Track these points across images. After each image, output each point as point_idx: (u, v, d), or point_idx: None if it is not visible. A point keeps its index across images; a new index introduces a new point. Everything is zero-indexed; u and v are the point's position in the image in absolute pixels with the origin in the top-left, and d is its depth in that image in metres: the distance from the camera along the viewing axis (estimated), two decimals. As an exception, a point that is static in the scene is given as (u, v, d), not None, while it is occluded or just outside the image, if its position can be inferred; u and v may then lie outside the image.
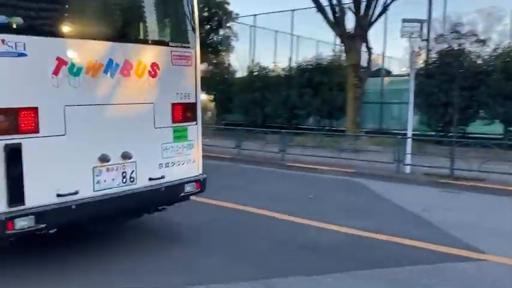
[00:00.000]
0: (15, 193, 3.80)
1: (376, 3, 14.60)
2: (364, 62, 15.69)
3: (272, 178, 10.03)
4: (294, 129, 16.72)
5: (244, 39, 23.33)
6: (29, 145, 3.85)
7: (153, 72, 4.78)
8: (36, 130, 3.90)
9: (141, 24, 5.03)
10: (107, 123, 4.43)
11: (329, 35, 20.52)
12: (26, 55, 3.80)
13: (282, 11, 21.55)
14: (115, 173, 4.46)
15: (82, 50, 4.20)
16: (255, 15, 21.96)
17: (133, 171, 4.62)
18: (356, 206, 7.44)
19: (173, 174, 5.01)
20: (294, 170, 10.77)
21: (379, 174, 9.93)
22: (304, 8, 19.85)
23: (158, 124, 4.87)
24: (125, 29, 4.89)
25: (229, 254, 4.97)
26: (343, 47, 15.95)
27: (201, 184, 5.32)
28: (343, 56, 16.66)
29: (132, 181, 4.61)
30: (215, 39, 26.53)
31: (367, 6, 14.68)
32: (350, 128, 14.79)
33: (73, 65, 4.11)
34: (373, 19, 14.84)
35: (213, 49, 26.07)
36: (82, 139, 4.21)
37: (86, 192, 4.22)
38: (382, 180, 9.55)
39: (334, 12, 14.99)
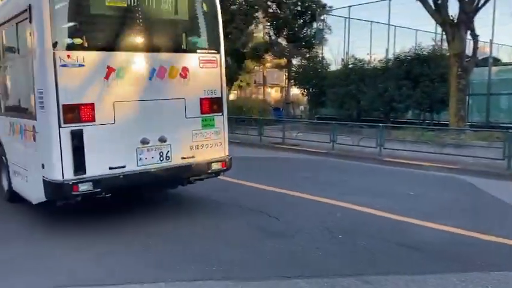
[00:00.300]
0: (79, 165, 5.24)
1: (484, -14, 13.56)
2: (469, 51, 14.68)
3: (369, 173, 9.81)
4: (391, 123, 16.14)
5: (338, 31, 22.95)
6: (87, 130, 5.29)
7: (183, 74, 6.09)
8: (93, 120, 5.33)
9: (173, 37, 6.29)
10: (147, 114, 5.75)
11: (428, 24, 19.48)
12: (84, 66, 5.25)
13: (377, 1, 20.83)
14: (153, 153, 5.81)
15: (125, 59, 5.60)
16: (349, 6, 21.46)
17: (168, 151, 5.93)
18: (461, 204, 7.03)
19: (202, 155, 6.25)
20: (393, 166, 10.42)
21: (486, 171, 9.26)
22: (402, -3, 19.04)
23: (189, 115, 6.15)
24: (160, 42, 6.03)
25: (326, 248, 4.98)
26: (444, 36, 15.04)
27: (226, 163, 6.48)
28: (445, 45, 15.71)
29: (168, 159, 5.92)
30: (308, 32, 26.49)
31: (474, -10, 13.66)
32: (453, 121, 13.94)
33: (119, 71, 5.51)
34: (480, 4, 13.79)
35: (306, 43, 26.04)
36: (127, 126, 5.59)
37: (131, 166, 5.62)
38: (490, 177, 8.88)
39: (435, -1, 14.19)
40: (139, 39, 5.84)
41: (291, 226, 5.77)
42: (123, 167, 5.54)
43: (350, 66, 19.34)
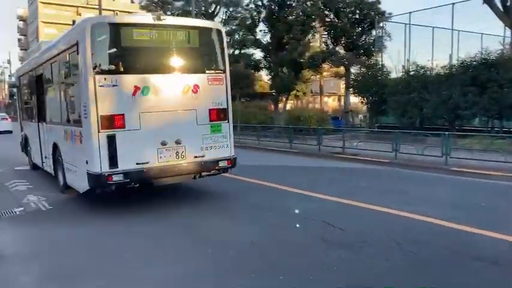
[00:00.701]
0: (113, 161, 6.74)
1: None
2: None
3: (436, 183, 9.44)
4: (456, 131, 15.48)
5: (398, 38, 22.38)
6: (119, 135, 6.81)
7: (194, 90, 7.52)
8: (123, 126, 6.85)
9: (186, 61, 7.64)
10: (165, 122, 7.22)
11: (496, 27, 18.61)
12: (117, 86, 6.82)
13: (440, 6, 20.13)
14: (171, 152, 7.24)
15: (148, 80, 7.10)
16: (410, 12, 20.90)
17: (183, 151, 7.35)
18: (540, 216, 6.59)
19: (211, 154, 7.66)
20: (460, 175, 9.97)
21: None
22: (466, 0, 18.30)
23: (200, 122, 7.57)
24: (175, 66, 7.49)
25: (396, 260, 4.83)
26: (515, 39, 14.29)
27: (231, 162, 7.88)
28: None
29: (183, 157, 7.34)
30: (367, 40, 26.05)
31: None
32: (525, 128, 13.16)
33: (143, 89, 7.03)
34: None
35: (365, 51, 25.62)
36: (150, 131, 7.05)
37: (153, 162, 7.07)
38: None
39: (503, 1, 13.53)
40: (158, 64, 7.43)
41: (357, 237, 5.66)
42: (147, 162, 7.01)
43: (412, 73, 18.79)
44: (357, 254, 5.07)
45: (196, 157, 7.45)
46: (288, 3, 27.07)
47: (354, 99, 27.11)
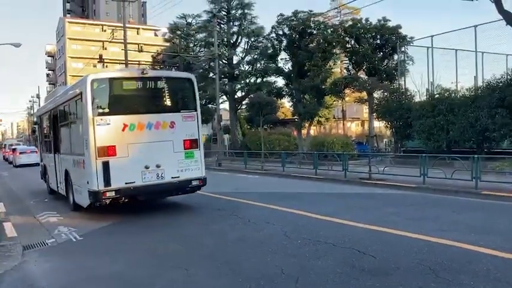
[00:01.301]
0: (107, 181, 8.77)
1: None
2: None
3: (467, 208, 9.21)
4: (485, 153, 15.17)
5: (420, 61, 22.30)
6: (112, 161, 8.85)
7: (171, 126, 9.60)
8: (115, 154, 8.89)
9: (164, 103, 9.81)
10: (148, 150, 9.22)
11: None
12: (110, 124, 8.94)
13: (462, 29, 20.05)
14: (153, 174, 9.26)
15: (134, 119, 9.21)
16: (431, 36, 20.86)
17: (162, 173, 9.37)
18: None
19: (185, 175, 9.65)
20: (492, 199, 9.72)
21: None
22: (489, 22, 18.16)
23: (176, 150, 9.59)
24: (156, 108, 9.69)
25: (431, 289, 4.69)
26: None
27: (202, 181, 9.94)
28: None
29: (162, 178, 9.36)
30: (389, 65, 26.04)
31: None
32: (558, 149, 12.80)
33: (131, 125, 9.12)
34: None
35: (387, 75, 25.58)
36: (135, 158, 9.06)
37: (138, 182, 9.10)
38: None
39: (528, 22, 13.42)
40: (142, 107, 9.63)
41: (388, 264, 5.53)
42: (134, 182, 9.05)
43: (436, 96, 18.63)
44: (390, 281, 4.95)
45: (173, 177, 9.49)
46: (309, 31, 27.46)
47: (378, 124, 26.96)
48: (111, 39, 30.46)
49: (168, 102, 9.79)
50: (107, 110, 9.01)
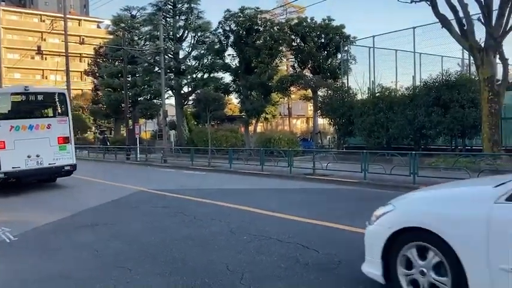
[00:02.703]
0: None
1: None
2: (499, 75, 14.51)
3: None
4: (422, 150, 15.94)
5: (363, 60, 23.09)
6: (2, 153, 12.40)
7: (48, 127, 13.27)
8: (5, 147, 12.43)
9: (43, 112, 13.61)
10: (30, 145, 12.77)
11: (454, 49, 19.43)
12: (1, 126, 12.50)
13: (402, 30, 20.95)
14: (34, 161, 12.92)
15: (19, 122, 12.78)
16: (373, 36, 21.63)
17: (41, 161, 13.06)
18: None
19: (59, 162, 13.43)
20: (428, 194, 10.21)
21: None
22: (426, 24, 19.09)
23: (52, 144, 13.29)
24: (36, 114, 13.37)
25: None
26: (472, 61, 14.94)
27: (73, 167, 13.86)
28: (474, 70, 15.58)
29: (41, 164, 13.04)
30: (333, 63, 26.73)
31: (500, 15, 13.61)
32: (487, 146, 13.68)
33: (16, 127, 12.71)
34: (507, 28, 13.71)
35: (331, 73, 26.26)
36: (21, 150, 12.60)
37: (22, 167, 12.69)
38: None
39: (461, 25, 14.19)
40: (25, 113, 13.07)
41: (331, 258, 5.69)
42: (19, 167, 12.58)
43: (377, 94, 19.33)
44: (333, 275, 5.08)
45: (50, 164, 13.21)
46: (256, 28, 27.59)
47: (322, 121, 27.61)
48: (51, 30, 29.14)
49: (45, 110, 13.61)
50: (0, 116, 12.57)
